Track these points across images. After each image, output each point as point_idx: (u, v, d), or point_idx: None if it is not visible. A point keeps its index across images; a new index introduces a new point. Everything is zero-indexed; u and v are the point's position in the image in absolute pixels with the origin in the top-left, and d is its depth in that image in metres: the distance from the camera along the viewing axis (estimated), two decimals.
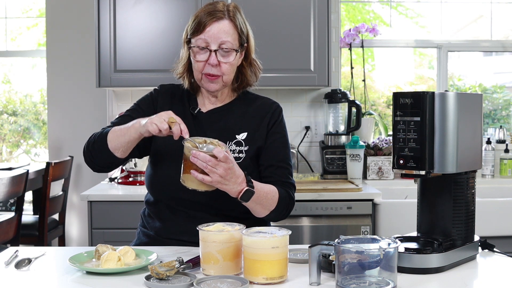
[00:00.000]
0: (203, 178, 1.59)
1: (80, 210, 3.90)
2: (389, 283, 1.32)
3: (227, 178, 1.60)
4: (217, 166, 1.58)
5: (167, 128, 1.63)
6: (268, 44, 3.14)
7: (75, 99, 3.81)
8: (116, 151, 1.75)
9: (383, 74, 4.17)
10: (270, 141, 1.87)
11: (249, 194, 1.67)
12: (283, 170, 1.86)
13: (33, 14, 4.78)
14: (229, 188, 1.64)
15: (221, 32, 1.76)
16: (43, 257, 1.67)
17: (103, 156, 1.78)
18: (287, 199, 1.83)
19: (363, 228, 2.90)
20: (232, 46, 1.78)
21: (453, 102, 1.52)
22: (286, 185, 1.85)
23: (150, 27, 3.18)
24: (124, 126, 1.74)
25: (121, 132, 1.73)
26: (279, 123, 1.90)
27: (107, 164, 1.82)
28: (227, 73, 1.80)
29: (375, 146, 3.43)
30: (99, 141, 1.77)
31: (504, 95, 4.06)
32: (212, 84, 1.81)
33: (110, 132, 1.76)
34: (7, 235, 2.98)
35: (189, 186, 1.63)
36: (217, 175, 1.59)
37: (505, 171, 3.57)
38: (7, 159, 5.01)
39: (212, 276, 1.43)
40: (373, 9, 4.38)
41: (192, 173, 1.59)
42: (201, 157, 1.57)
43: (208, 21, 1.76)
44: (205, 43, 1.77)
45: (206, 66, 1.78)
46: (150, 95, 1.94)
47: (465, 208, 1.60)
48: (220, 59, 1.78)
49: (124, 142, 1.73)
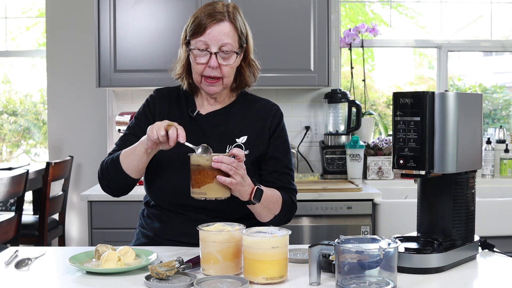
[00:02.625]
0: (231, 181, 1.58)
1: (80, 210, 3.90)
2: (389, 283, 1.32)
3: (244, 178, 1.62)
4: (239, 167, 1.59)
5: (165, 135, 1.61)
6: (268, 44, 3.14)
7: (75, 99, 3.81)
8: (130, 172, 1.75)
9: (383, 74, 4.17)
10: (273, 147, 1.87)
11: (260, 193, 1.68)
12: (286, 176, 1.87)
13: (33, 14, 4.78)
14: (244, 190, 1.64)
15: (222, 34, 1.75)
16: (43, 257, 1.66)
17: (119, 179, 1.77)
18: (290, 203, 1.85)
19: (363, 228, 2.90)
20: (233, 49, 1.77)
21: (453, 102, 1.52)
22: (288, 190, 1.86)
23: (150, 27, 3.18)
24: (133, 145, 1.74)
25: (131, 151, 1.74)
26: (281, 128, 1.90)
27: (123, 188, 1.81)
28: (228, 75, 1.80)
29: (375, 146, 3.43)
30: (112, 166, 1.77)
31: (504, 95, 4.06)
32: (212, 87, 1.80)
33: (121, 155, 1.76)
34: (7, 235, 2.98)
35: (211, 196, 1.60)
36: (239, 175, 1.60)
37: (505, 171, 3.57)
38: (7, 159, 5.01)
39: (212, 276, 1.43)
40: (373, 9, 4.38)
41: (219, 178, 1.57)
42: (225, 160, 1.56)
43: (209, 23, 1.74)
44: (205, 45, 1.76)
45: (206, 68, 1.77)
46: (145, 105, 1.92)
47: (465, 208, 1.60)
48: (221, 61, 1.76)
49: (135, 160, 1.72)
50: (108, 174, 1.79)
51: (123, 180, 1.77)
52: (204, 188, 1.59)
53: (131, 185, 1.82)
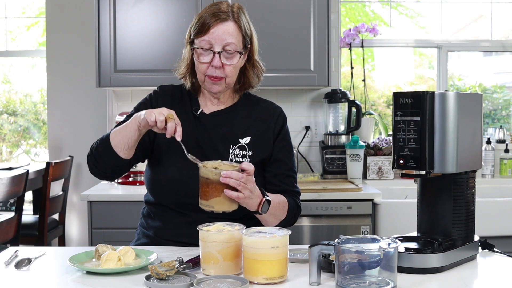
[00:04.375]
0: (238, 196, 1.59)
1: (80, 210, 3.90)
2: (389, 283, 1.32)
3: (253, 191, 1.63)
4: (248, 181, 1.60)
5: (163, 121, 1.60)
6: (268, 44, 3.14)
7: (75, 99, 3.81)
8: (119, 149, 1.71)
9: (383, 74, 4.17)
10: (278, 150, 1.88)
11: (267, 205, 1.71)
12: (290, 179, 1.90)
13: (32, 13, 4.78)
14: (252, 202, 1.66)
15: (226, 33, 1.75)
16: (43, 257, 1.66)
17: (107, 158, 1.74)
18: (295, 208, 1.87)
19: (363, 228, 2.90)
20: (236, 48, 1.77)
21: (453, 102, 1.52)
22: (293, 194, 1.89)
23: (150, 27, 3.18)
24: (121, 126, 1.73)
25: (122, 128, 1.72)
26: (285, 131, 1.92)
27: (111, 168, 1.77)
28: (231, 75, 1.80)
29: (375, 146, 3.43)
30: (101, 144, 1.75)
31: (504, 95, 4.06)
32: (215, 86, 1.80)
33: (112, 133, 1.75)
34: (7, 235, 2.98)
35: (219, 210, 1.60)
36: (248, 190, 1.61)
37: (505, 171, 3.57)
38: (7, 159, 5.01)
39: (212, 276, 1.43)
40: (373, 9, 4.38)
41: (226, 192, 1.57)
42: (234, 175, 1.57)
43: (213, 23, 1.74)
44: (209, 45, 1.75)
45: (210, 68, 1.77)
46: (148, 98, 1.92)
47: (465, 208, 1.60)
48: (224, 61, 1.76)
49: (125, 137, 1.69)
50: (96, 152, 1.76)
51: (111, 160, 1.74)
52: (211, 201, 1.59)
53: (120, 167, 1.77)
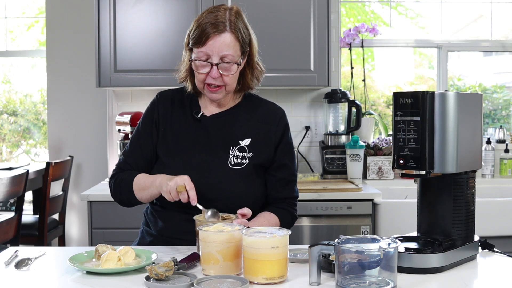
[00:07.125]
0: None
1: (80, 210, 3.90)
2: (389, 283, 1.32)
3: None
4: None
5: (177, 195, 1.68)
6: (268, 44, 3.14)
7: (75, 99, 3.81)
8: (144, 200, 1.86)
9: (383, 74, 4.17)
10: (282, 154, 1.90)
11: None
12: (291, 184, 1.92)
13: (32, 13, 4.78)
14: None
15: (223, 45, 1.75)
16: (43, 257, 1.67)
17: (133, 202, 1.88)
18: (289, 220, 1.91)
19: (363, 228, 2.90)
20: (234, 59, 1.77)
21: (453, 102, 1.52)
22: (291, 200, 1.92)
23: (150, 27, 3.18)
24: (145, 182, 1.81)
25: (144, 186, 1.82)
26: (288, 134, 1.93)
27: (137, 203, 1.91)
28: (230, 83, 1.81)
29: (375, 146, 3.43)
30: (125, 191, 1.86)
31: (504, 95, 4.06)
32: (215, 95, 1.82)
33: (134, 184, 1.84)
34: (7, 235, 2.98)
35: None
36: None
37: (505, 171, 3.57)
38: (7, 159, 5.01)
39: (212, 276, 1.43)
40: (373, 9, 4.38)
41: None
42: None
43: (210, 34, 1.74)
44: (206, 56, 1.76)
45: (208, 78, 1.78)
46: (149, 110, 1.94)
47: (465, 208, 1.60)
48: (222, 72, 1.77)
49: (148, 195, 1.82)
50: (121, 196, 1.89)
51: (137, 202, 1.89)
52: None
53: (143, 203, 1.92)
